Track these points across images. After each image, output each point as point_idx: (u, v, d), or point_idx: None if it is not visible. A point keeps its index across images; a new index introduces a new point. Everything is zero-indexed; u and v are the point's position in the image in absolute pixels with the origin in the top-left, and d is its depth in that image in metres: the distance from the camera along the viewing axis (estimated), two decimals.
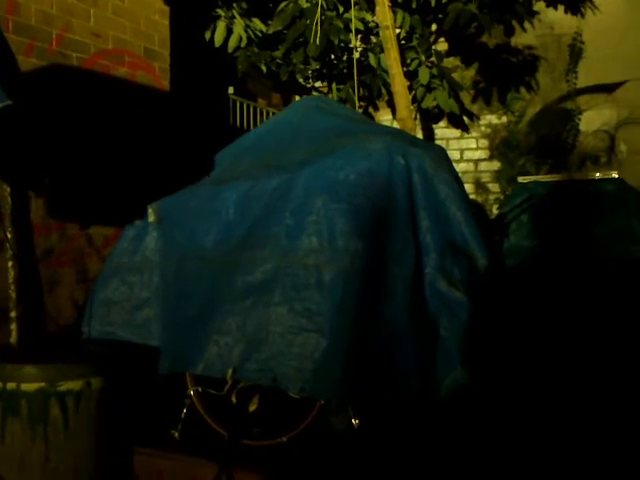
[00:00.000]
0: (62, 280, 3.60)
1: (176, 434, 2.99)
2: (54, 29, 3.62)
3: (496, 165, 6.17)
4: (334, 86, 5.44)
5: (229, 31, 5.00)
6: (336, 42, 4.83)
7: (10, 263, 3.11)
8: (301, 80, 5.51)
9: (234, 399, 2.86)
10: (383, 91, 5.32)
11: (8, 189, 3.13)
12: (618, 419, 3.30)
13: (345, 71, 5.37)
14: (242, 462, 2.77)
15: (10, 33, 3.31)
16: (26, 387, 2.62)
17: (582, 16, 5.74)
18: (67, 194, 3.62)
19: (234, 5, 5.08)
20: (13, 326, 3.09)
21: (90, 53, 3.85)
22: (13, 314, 3.10)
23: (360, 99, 5.35)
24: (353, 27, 4.83)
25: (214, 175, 3.42)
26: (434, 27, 5.63)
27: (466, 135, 6.16)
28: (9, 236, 3.10)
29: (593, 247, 4.51)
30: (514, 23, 5.66)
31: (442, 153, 3.18)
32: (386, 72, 4.93)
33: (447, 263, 2.83)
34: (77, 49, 3.76)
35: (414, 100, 5.15)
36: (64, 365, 2.73)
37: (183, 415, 2.99)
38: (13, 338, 3.08)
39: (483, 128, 6.23)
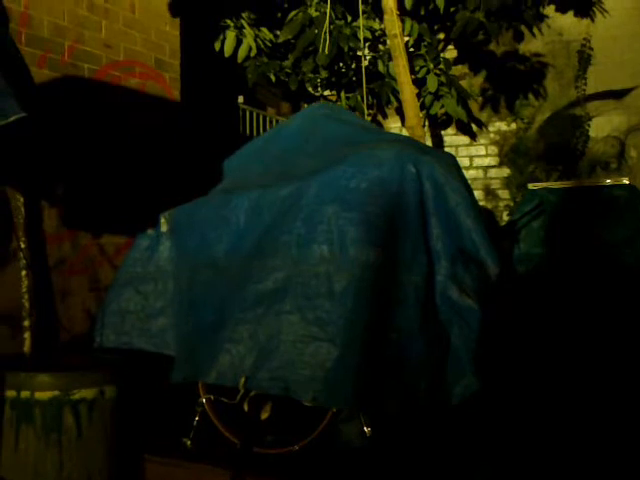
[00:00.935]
0: (74, 289, 3.62)
1: (188, 442, 3.00)
2: (66, 41, 3.66)
3: (506, 172, 6.15)
4: (343, 94, 5.46)
5: (238, 41, 5.04)
6: (346, 49, 4.85)
7: (23, 272, 3.14)
8: (310, 89, 5.54)
9: (246, 407, 2.87)
10: (392, 99, 5.34)
11: (22, 199, 3.16)
12: (631, 429, 3.27)
13: (354, 79, 5.39)
14: (254, 470, 2.78)
15: (23, 45, 3.35)
16: (40, 395, 2.65)
17: (592, 20, 5.75)
18: (79, 204, 3.66)
19: (243, 15, 5.12)
20: (26, 335, 3.11)
21: (102, 64, 3.89)
22: (26, 323, 3.12)
23: (369, 107, 5.37)
24: (362, 35, 4.85)
25: (224, 184, 3.44)
26: (442, 35, 5.65)
27: (475, 142, 6.17)
28: (22, 246, 3.13)
29: (604, 254, 4.49)
30: (523, 29, 5.68)
31: (452, 160, 3.19)
32: (395, 80, 4.95)
33: (458, 270, 2.83)
34: (89, 60, 3.80)
35: (422, 107, 5.16)
36: (78, 373, 2.75)
37: (195, 423, 3.00)
38: (26, 347, 3.10)
39: (492, 135, 6.22)
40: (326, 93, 5.87)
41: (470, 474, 2.79)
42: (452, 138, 6.30)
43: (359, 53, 5.09)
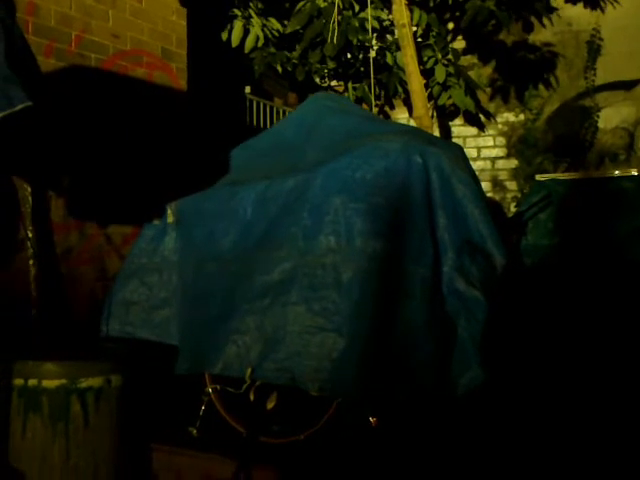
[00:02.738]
0: (81, 278, 3.64)
1: (194, 431, 3.01)
2: (73, 30, 3.65)
3: (513, 163, 6.13)
4: (350, 85, 5.44)
5: (246, 31, 5.02)
6: (355, 41, 4.83)
7: (31, 262, 3.15)
8: (317, 80, 5.52)
9: (252, 397, 2.88)
10: (399, 89, 5.31)
11: (29, 189, 3.17)
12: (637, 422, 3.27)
13: (361, 70, 5.36)
14: (260, 459, 2.79)
15: (30, 34, 3.35)
16: (47, 384, 2.66)
17: (602, 10, 5.70)
18: (86, 194, 3.66)
19: (251, 5, 5.10)
20: (33, 324, 3.13)
21: (108, 54, 3.88)
22: (33, 312, 3.14)
23: (376, 98, 5.34)
24: (370, 26, 4.82)
25: (230, 176, 3.43)
26: (451, 25, 5.62)
27: (483, 133, 6.13)
28: (30, 235, 3.14)
29: (612, 246, 4.46)
30: (533, 19, 5.64)
31: (459, 151, 3.17)
32: (402, 70, 4.92)
33: (465, 262, 2.82)
34: (96, 50, 3.79)
35: (430, 98, 5.13)
36: (84, 362, 2.77)
37: (201, 412, 3.01)
38: (33, 335, 3.12)
39: (500, 126, 6.19)
40: (333, 84, 5.85)
41: (476, 465, 2.80)
42: (460, 129, 6.27)
43: (367, 44, 5.07)
